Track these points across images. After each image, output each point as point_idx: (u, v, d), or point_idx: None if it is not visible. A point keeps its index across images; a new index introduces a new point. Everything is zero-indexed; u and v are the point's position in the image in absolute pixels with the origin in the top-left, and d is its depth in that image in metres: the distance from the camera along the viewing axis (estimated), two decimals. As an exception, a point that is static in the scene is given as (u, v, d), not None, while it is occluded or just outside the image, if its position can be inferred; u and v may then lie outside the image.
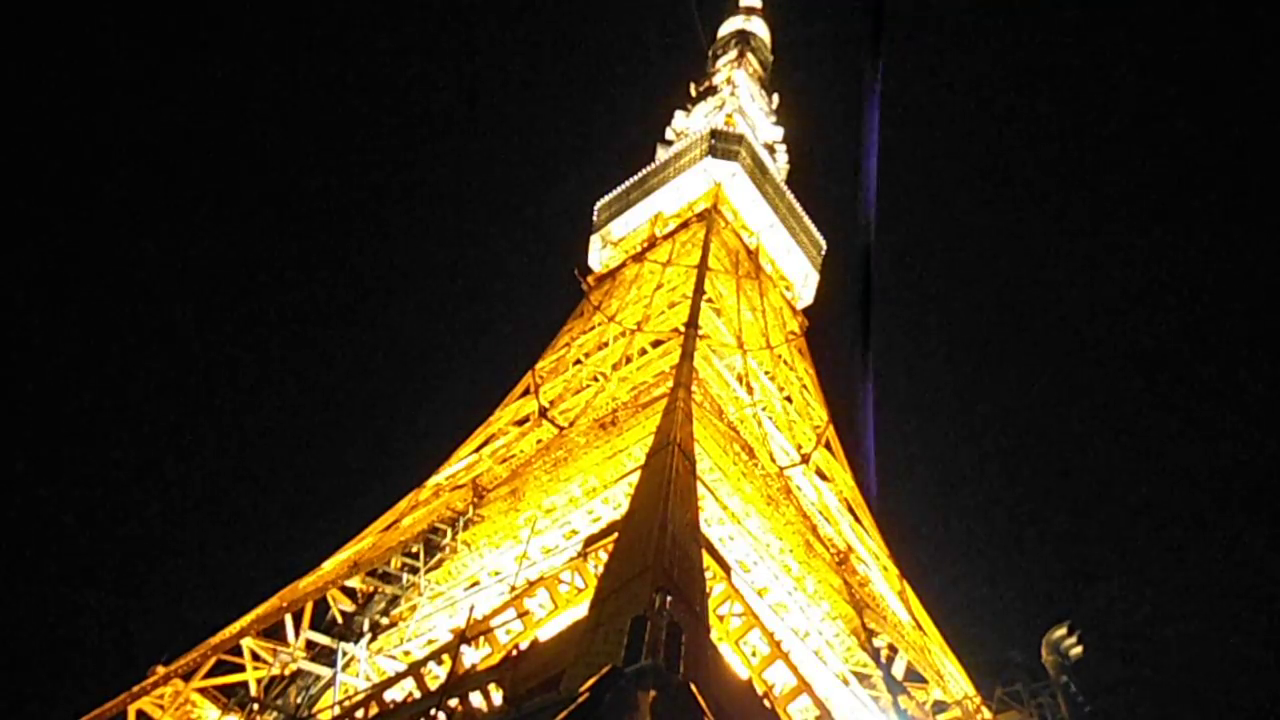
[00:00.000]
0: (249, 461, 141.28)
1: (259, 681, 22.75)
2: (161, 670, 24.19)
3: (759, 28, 78.01)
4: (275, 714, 21.53)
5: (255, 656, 23.25)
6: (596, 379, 37.73)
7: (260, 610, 26.41)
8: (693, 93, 68.10)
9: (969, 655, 31.25)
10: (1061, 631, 17.68)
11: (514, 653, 13.10)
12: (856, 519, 36.36)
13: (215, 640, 25.02)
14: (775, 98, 70.96)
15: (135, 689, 23.54)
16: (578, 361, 40.49)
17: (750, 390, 36.01)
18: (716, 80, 69.56)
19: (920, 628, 30.86)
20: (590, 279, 51.56)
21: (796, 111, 72.14)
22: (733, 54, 73.25)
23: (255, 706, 22.08)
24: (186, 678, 23.51)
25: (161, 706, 23.14)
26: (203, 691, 23.35)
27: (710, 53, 76.00)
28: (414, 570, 25.19)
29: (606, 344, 39.79)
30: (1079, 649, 17.61)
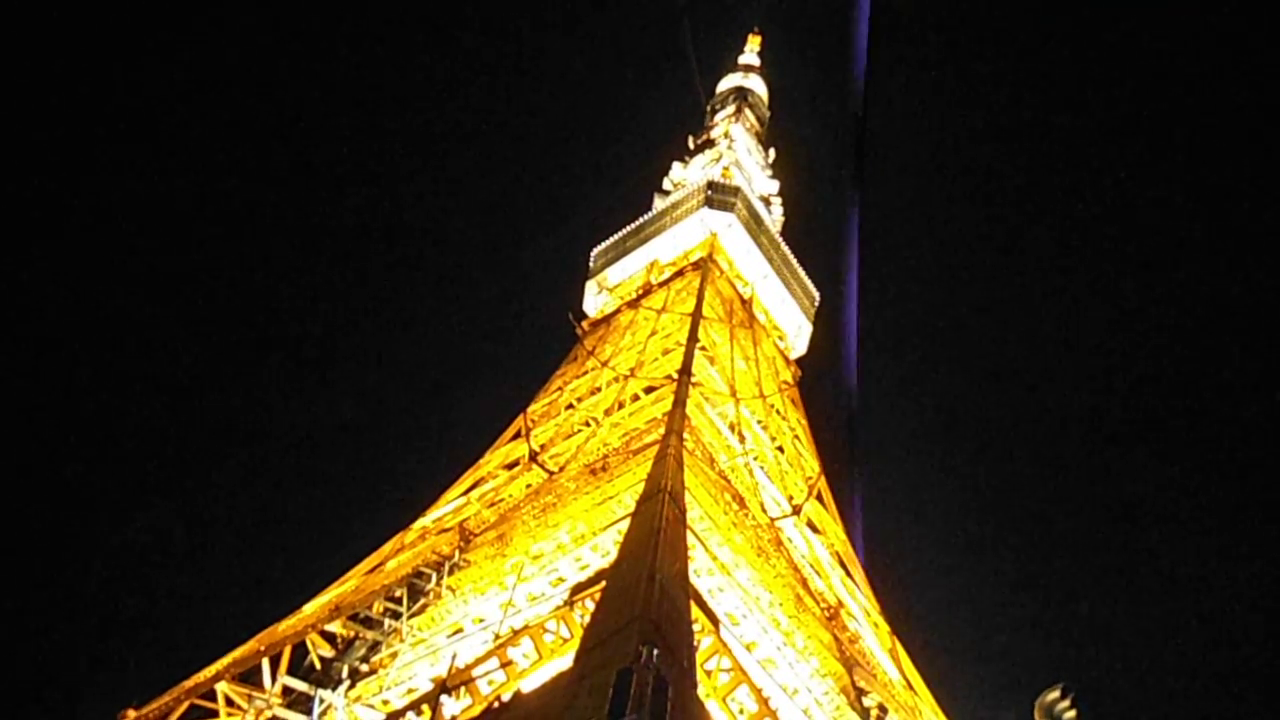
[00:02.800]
0: (228, 497, 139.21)
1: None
2: (131, 715, 23.49)
3: (757, 85, 79.69)
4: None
5: (230, 702, 22.63)
6: (588, 424, 37.56)
7: (237, 653, 25.77)
8: (690, 145, 69.21)
9: (961, 716, 30.73)
10: (1055, 694, 17.29)
11: (496, 704, 12.79)
12: (847, 573, 35.97)
13: (188, 684, 24.35)
14: (771, 152, 72.20)
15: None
16: (570, 406, 40.36)
17: (742, 439, 35.87)
18: (714, 134, 70.74)
19: (911, 687, 30.33)
20: (585, 324, 51.75)
21: (792, 166, 73.20)
22: (731, 109, 74.64)
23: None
24: (156, 723, 22.83)
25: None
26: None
27: (709, 107, 77.45)
28: (396, 615, 24.70)
29: (599, 389, 39.71)
30: (1073, 713, 17.22)
